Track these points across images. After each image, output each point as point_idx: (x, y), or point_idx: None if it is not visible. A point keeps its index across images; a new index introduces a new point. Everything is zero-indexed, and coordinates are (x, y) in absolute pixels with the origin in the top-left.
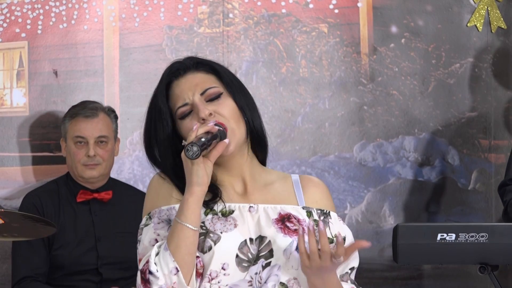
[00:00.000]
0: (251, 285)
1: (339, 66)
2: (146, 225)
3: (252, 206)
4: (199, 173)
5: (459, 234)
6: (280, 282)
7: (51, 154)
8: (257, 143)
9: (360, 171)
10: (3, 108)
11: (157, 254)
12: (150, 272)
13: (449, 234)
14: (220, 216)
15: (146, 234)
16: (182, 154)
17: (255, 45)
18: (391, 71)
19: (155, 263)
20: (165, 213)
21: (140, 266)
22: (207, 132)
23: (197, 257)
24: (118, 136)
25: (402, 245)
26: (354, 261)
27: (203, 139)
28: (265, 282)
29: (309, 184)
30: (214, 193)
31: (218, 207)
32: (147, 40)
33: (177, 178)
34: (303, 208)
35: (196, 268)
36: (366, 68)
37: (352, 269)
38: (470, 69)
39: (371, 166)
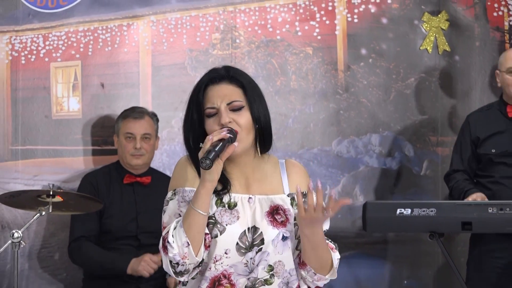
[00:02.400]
0: (246, 266)
1: (321, 80)
2: (171, 199)
3: (250, 197)
4: (211, 172)
5: (414, 209)
6: (268, 265)
7: (99, 147)
8: (264, 142)
9: (337, 161)
10: (62, 112)
11: (175, 228)
12: (168, 242)
13: (406, 209)
14: (227, 208)
15: (171, 208)
16: (199, 160)
17: (256, 64)
18: (361, 83)
19: (172, 235)
20: (187, 194)
21: (163, 234)
22: (220, 140)
23: (207, 234)
24: (159, 135)
25: (369, 218)
26: (326, 224)
27: (217, 148)
28: (257, 265)
29: (292, 171)
30: (224, 184)
31: (226, 199)
32: (173, 59)
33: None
34: (288, 195)
35: (204, 242)
36: (342, 82)
37: (325, 231)
38: (422, 82)
39: (346, 157)
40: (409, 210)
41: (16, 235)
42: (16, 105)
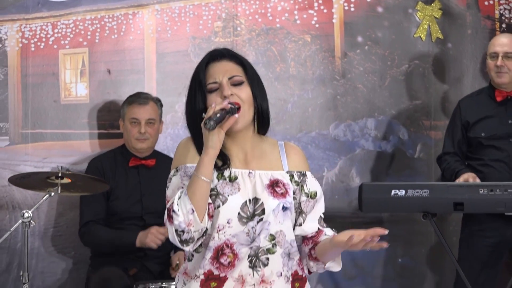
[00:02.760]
0: (248, 235)
1: (319, 66)
2: (174, 175)
3: (251, 172)
4: (214, 139)
5: (408, 190)
6: (270, 234)
7: (105, 131)
8: (262, 122)
9: (334, 144)
10: (70, 98)
11: (179, 198)
12: (173, 211)
13: (400, 190)
14: (228, 181)
15: (174, 182)
16: (202, 124)
17: (256, 51)
18: (357, 70)
19: (177, 204)
20: (189, 170)
21: (168, 205)
22: (222, 109)
23: (210, 203)
24: (163, 119)
25: (365, 199)
26: (323, 207)
27: (218, 115)
28: (258, 234)
29: (291, 152)
30: (224, 160)
31: (226, 173)
32: (177, 47)
33: (201, 144)
34: (287, 172)
35: (208, 212)
36: (339, 68)
37: (321, 214)
38: (416, 69)
39: (343, 140)
40: (403, 191)
41: (26, 215)
42: (26, 91)
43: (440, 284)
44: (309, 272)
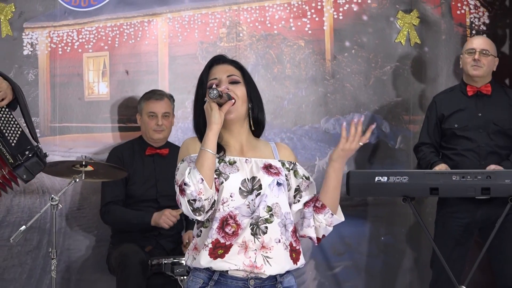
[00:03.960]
0: (248, 207)
1: (311, 68)
2: (181, 164)
3: (247, 159)
4: (216, 115)
5: (389, 177)
6: (267, 205)
7: (124, 125)
8: (256, 124)
9: (325, 136)
10: (92, 95)
11: (188, 172)
12: (185, 183)
13: (382, 177)
14: (228, 164)
15: (182, 168)
16: (205, 105)
17: (256, 54)
18: (345, 71)
19: (188, 177)
20: (194, 158)
21: (178, 183)
22: (221, 91)
23: (216, 178)
24: (174, 113)
25: (352, 184)
26: (315, 189)
27: (219, 91)
28: (257, 206)
29: (282, 148)
30: (220, 150)
31: (226, 158)
32: (187, 51)
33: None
34: (279, 161)
35: (215, 185)
36: (329, 69)
37: (315, 193)
38: (397, 70)
39: (332, 133)
40: (385, 178)
41: (54, 198)
42: (54, 89)
43: (418, 259)
44: (318, 240)
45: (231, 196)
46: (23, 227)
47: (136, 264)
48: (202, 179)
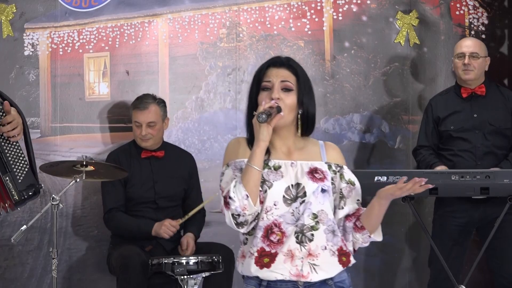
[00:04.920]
0: (293, 215)
1: (311, 68)
2: (225, 170)
3: (293, 163)
4: (264, 133)
5: (389, 176)
6: (312, 213)
7: (124, 125)
8: (306, 125)
9: (325, 136)
10: (93, 96)
11: (234, 186)
12: (230, 197)
13: (382, 177)
14: (272, 170)
15: (227, 175)
16: (254, 120)
17: (256, 55)
18: (345, 71)
19: (233, 192)
20: (239, 163)
21: (223, 194)
22: (270, 107)
23: (260, 191)
24: (168, 115)
25: None
26: (360, 194)
27: (267, 111)
28: (302, 213)
29: (330, 148)
30: (265, 153)
31: (271, 163)
32: (187, 51)
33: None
34: (325, 163)
35: (259, 198)
36: (329, 70)
37: (359, 198)
38: (396, 70)
39: (332, 133)
40: (385, 178)
41: (55, 198)
42: (55, 89)
43: (417, 259)
44: (354, 251)
45: (274, 205)
46: (24, 226)
47: (137, 265)
48: (247, 195)
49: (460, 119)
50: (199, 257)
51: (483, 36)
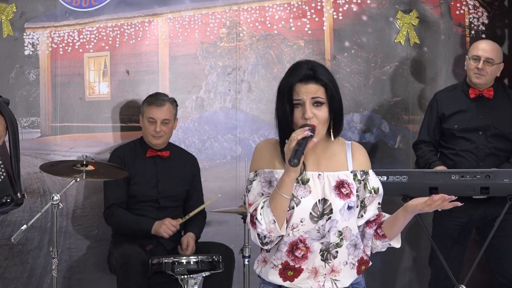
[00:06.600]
0: (318, 232)
1: None
2: (253, 179)
3: (320, 174)
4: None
5: (389, 176)
6: (338, 230)
7: (124, 124)
8: (337, 130)
9: None
10: (93, 95)
11: (262, 207)
12: (257, 219)
13: (382, 176)
14: (301, 184)
15: (255, 188)
16: (287, 162)
17: (257, 54)
18: (345, 71)
19: (260, 214)
20: (267, 175)
21: (251, 210)
22: (303, 138)
23: (288, 210)
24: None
25: None
26: (381, 197)
27: (301, 147)
28: (328, 231)
29: (356, 152)
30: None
31: (300, 176)
32: (187, 51)
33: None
34: (351, 172)
35: (286, 218)
36: (329, 69)
37: (379, 201)
38: (396, 70)
39: None
40: (385, 177)
41: (55, 198)
42: (55, 89)
43: (417, 258)
44: (370, 253)
45: (301, 222)
46: (24, 226)
47: (138, 265)
48: (274, 220)
49: (465, 119)
50: (199, 257)
51: (483, 36)
